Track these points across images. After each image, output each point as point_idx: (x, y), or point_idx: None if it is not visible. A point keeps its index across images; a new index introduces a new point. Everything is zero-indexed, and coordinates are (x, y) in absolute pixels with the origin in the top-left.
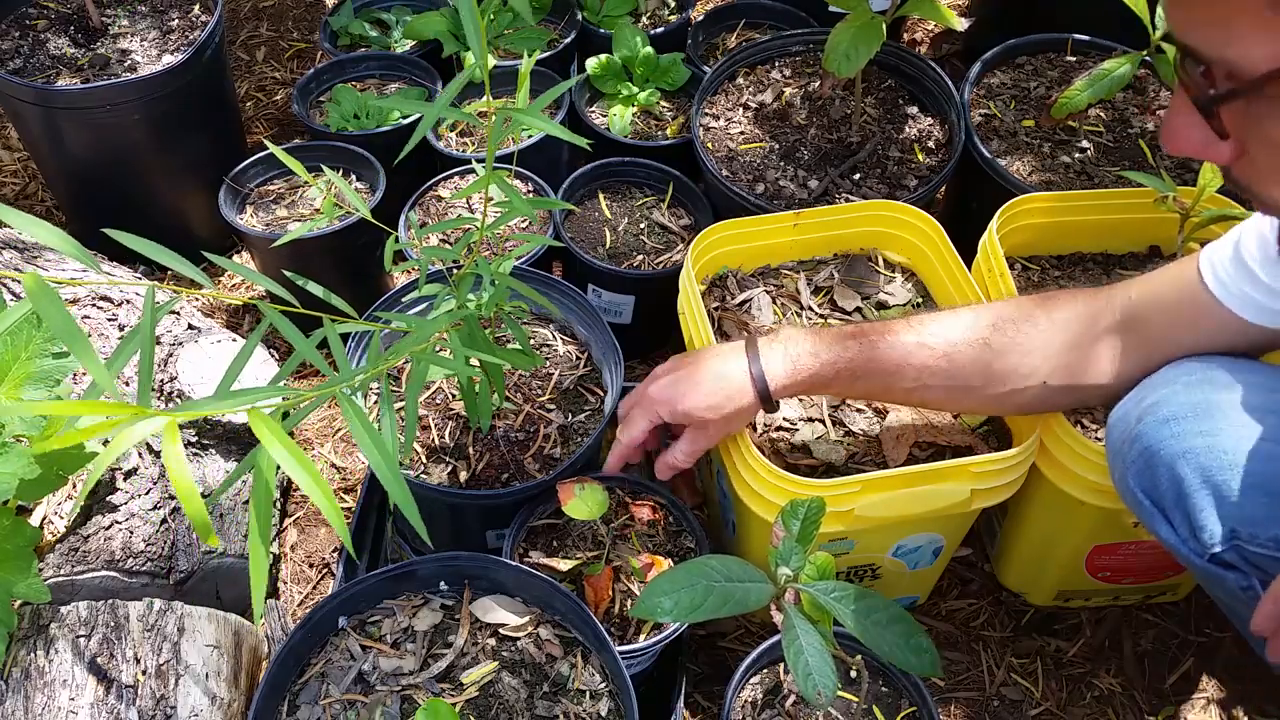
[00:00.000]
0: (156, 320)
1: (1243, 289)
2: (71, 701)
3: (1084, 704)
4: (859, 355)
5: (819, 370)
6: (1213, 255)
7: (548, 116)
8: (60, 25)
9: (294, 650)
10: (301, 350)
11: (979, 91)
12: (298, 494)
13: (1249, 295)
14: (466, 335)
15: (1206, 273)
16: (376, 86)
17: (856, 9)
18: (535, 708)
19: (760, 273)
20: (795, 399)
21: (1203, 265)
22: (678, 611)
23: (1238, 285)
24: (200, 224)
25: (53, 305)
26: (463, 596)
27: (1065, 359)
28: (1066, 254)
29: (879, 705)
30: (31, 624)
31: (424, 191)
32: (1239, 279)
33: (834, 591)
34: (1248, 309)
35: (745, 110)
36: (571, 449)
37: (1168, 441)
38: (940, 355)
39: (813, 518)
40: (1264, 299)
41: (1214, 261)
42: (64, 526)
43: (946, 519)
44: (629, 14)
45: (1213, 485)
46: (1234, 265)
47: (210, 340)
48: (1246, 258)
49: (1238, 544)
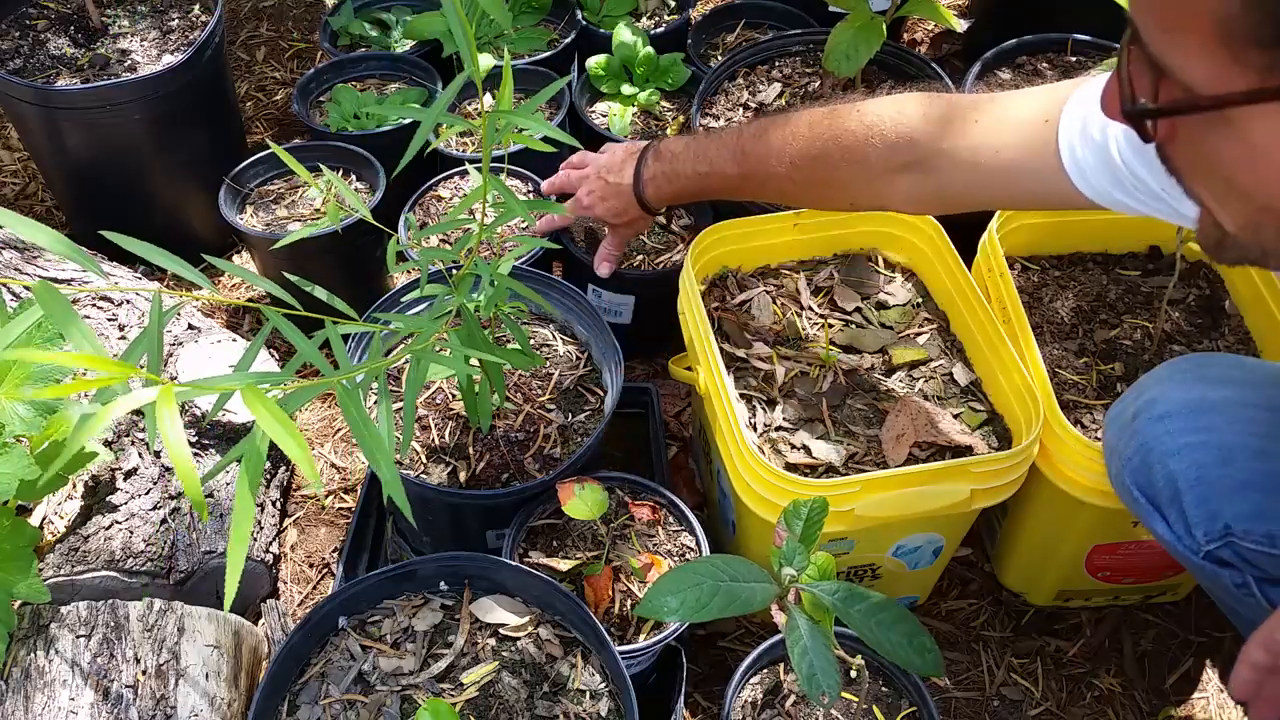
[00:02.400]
0: (165, 321)
1: (1101, 180)
2: (71, 701)
3: (1084, 704)
4: (705, 178)
5: (680, 188)
6: (1072, 139)
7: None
8: (60, 25)
9: (294, 650)
10: (303, 351)
11: (979, 91)
12: (298, 494)
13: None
14: (466, 335)
15: (1065, 156)
16: (376, 86)
17: (856, 9)
18: (535, 708)
19: (760, 273)
20: (795, 400)
21: (1062, 148)
22: (684, 611)
23: (1097, 176)
24: (200, 224)
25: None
26: (463, 596)
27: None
28: (1066, 254)
29: (879, 705)
30: (31, 624)
31: (424, 192)
32: (1099, 168)
33: (836, 591)
34: (1098, 191)
35: (745, 110)
36: (571, 449)
37: (1163, 438)
38: (764, 183)
39: (815, 518)
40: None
41: (1073, 146)
42: (63, 526)
43: (946, 519)
44: (629, 14)
45: (1207, 482)
46: (1095, 154)
47: (210, 340)
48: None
49: (1232, 540)
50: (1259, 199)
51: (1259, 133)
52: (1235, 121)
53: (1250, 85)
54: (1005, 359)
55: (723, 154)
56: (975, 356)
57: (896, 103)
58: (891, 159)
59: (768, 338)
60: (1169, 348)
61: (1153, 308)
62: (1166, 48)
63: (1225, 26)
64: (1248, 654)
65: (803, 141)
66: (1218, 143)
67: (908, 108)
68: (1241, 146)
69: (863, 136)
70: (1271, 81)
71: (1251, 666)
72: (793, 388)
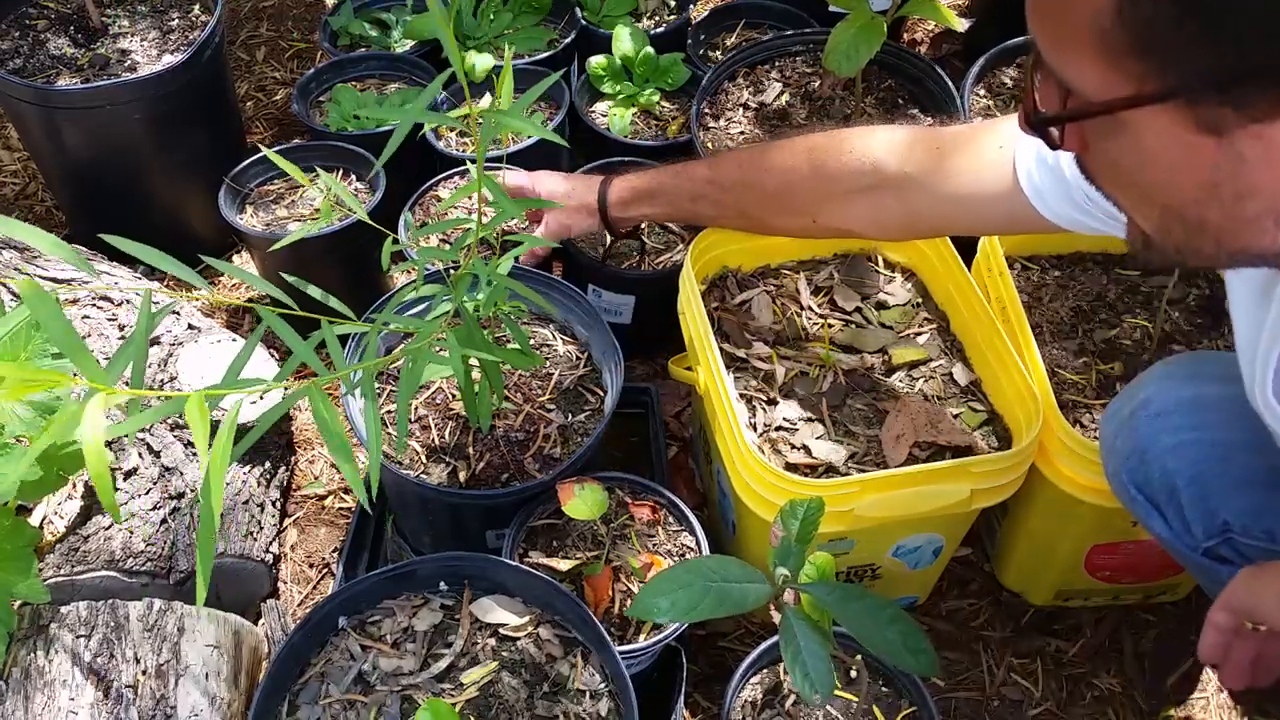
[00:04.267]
0: (154, 325)
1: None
2: (71, 701)
3: (1084, 704)
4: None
5: (645, 185)
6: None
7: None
8: (60, 25)
9: (294, 650)
10: (299, 353)
11: (979, 91)
12: (297, 494)
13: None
14: (465, 335)
15: (1024, 180)
16: (376, 86)
17: (856, 9)
18: (535, 708)
19: (760, 272)
20: (795, 400)
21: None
22: (675, 611)
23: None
24: (200, 224)
25: (49, 310)
26: (463, 596)
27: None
28: (1066, 254)
29: (879, 705)
30: (31, 624)
31: (424, 192)
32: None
33: (833, 592)
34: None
35: (745, 110)
36: (571, 449)
37: (1160, 436)
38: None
39: (811, 518)
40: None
41: (1030, 171)
42: (63, 526)
43: (946, 519)
44: (629, 14)
45: (1205, 480)
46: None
47: (210, 340)
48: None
49: (1230, 536)
50: (1158, 199)
51: (1147, 135)
52: (1128, 126)
53: (1131, 91)
54: (1005, 359)
55: (700, 161)
56: (975, 356)
57: (869, 129)
58: (857, 180)
59: (768, 338)
60: (1169, 347)
61: (1152, 308)
62: (1059, 62)
63: (1102, 41)
64: (1212, 618)
65: (776, 153)
66: (1118, 148)
67: (878, 134)
68: (1135, 150)
69: (833, 151)
70: (1147, 88)
71: (1217, 630)
72: (793, 388)
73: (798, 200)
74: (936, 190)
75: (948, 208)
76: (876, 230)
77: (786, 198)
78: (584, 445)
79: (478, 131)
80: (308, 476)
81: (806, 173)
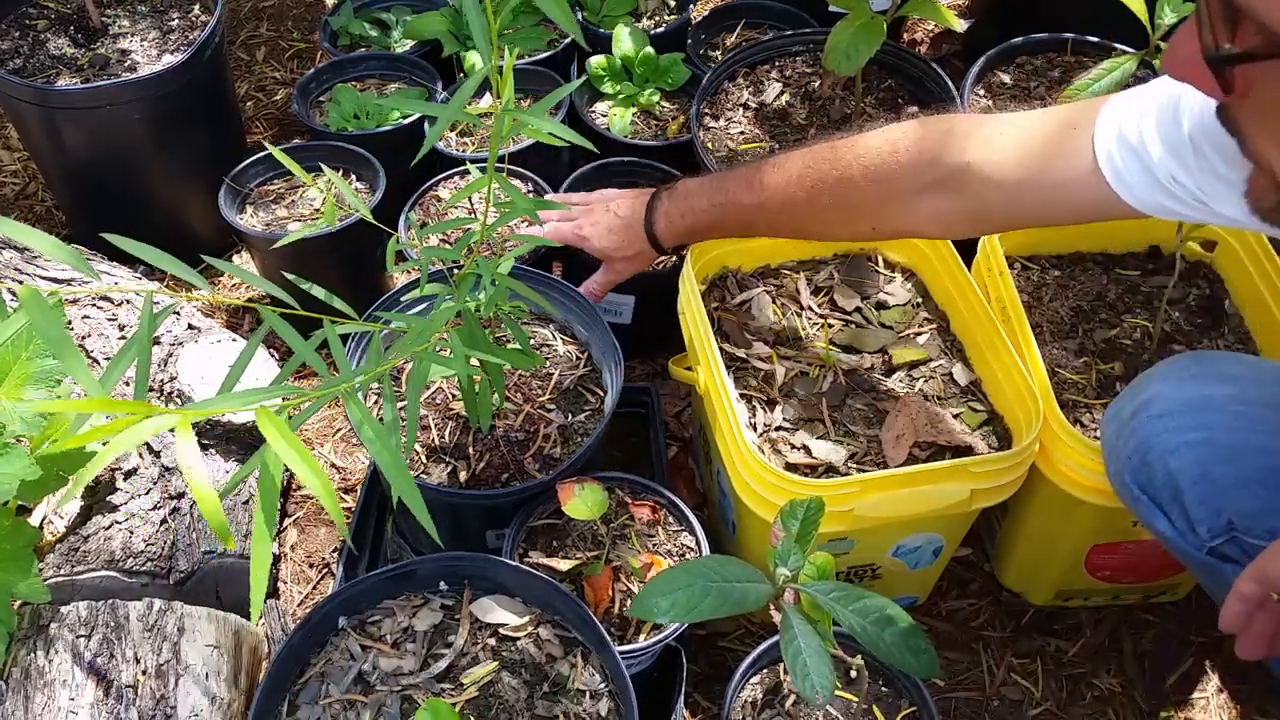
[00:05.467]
0: (156, 325)
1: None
2: (71, 701)
3: (1084, 704)
4: (721, 210)
5: (693, 223)
6: (1109, 146)
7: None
8: (60, 25)
9: (294, 650)
10: (300, 353)
11: (979, 91)
12: (298, 494)
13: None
14: (467, 335)
15: (1103, 161)
16: (376, 86)
17: (856, 8)
18: (535, 708)
19: (760, 273)
20: (795, 400)
21: (1099, 154)
22: (675, 612)
23: (1138, 178)
24: (200, 224)
25: (44, 317)
26: (463, 596)
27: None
28: (1066, 254)
29: (879, 705)
30: (31, 624)
31: (424, 191)
32: (1140, 173)
33: (832, 591)
34: (1139, 196)
35: (745, 110)
36: (571, 449)
37: (1162, 436)
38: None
39: (811, 518)
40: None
41: (1110, 152)
42: (63, 526)
43: (946, 519)
44: (629, 14)
45: (1209, 479)
46: (1135, 159)
47: (210, 340)
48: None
49: (1236, 536)
50: None
51: None
52: None
53: None
54: (1005, 359)
55: (738, 184)
56: (975, 356)
57: (920, 122)
58: (917, 178)
59: (768, 338)
60: (1169, 347)
61: (1152, 307)
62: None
63: None
64: (1239, 588)
65: (824, 164)
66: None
67: (930, 126)
68: None
69: (887, 154)
70: None
71: (1242, 599)
72: (793, 388)
73: (855, 210)
74: (1004, 180)
75: (1016, 197)
76: (942, 229)
77: (843, 210)
78: (584, 445)
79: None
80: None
81: (861, 181)
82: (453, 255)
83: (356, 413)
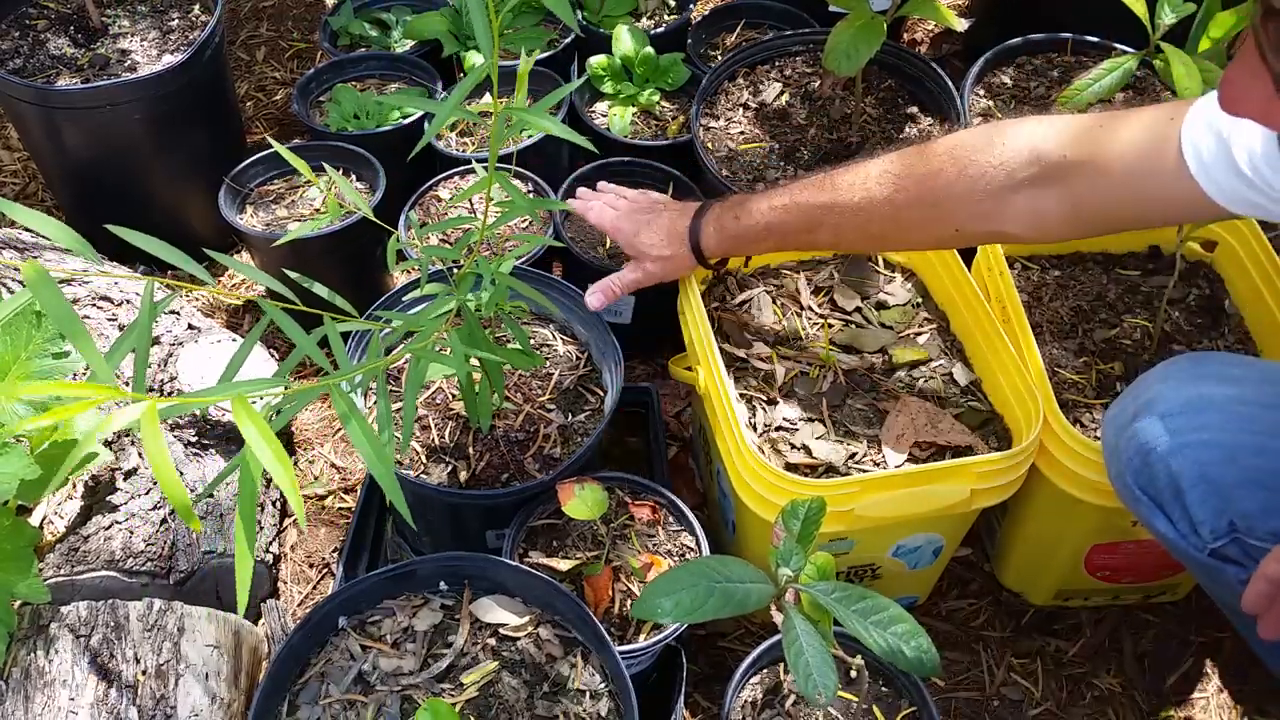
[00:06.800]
0: (155, 316)
1: (1229, 179)
2: (71, 701)
3: (1084, 704)
4: (782, 212)
5: (748, 227)
6: (1196, 138)
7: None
8: (60, 25)
9: (294, 650)
10: (302, 346)
11: (979, 91)
12: (299, 494)
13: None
14: (467, 334)
15: (1189, 154)
16: (376, 86)
17: (856, 9)
18: (535, 708)
19: (760, 273)
20: (795, 400)
21: (1185, 146)
22: (678, 612)
23: (1223, 171)
24: (200, 224)
25: (51, 295)
26: (463, 596)
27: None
28: (1066, 254)
29: (879, 705)
30: (31, 624)
31: (424, 191)
32: (1224, 162)
33: (834, 592)
34: (1224, 189)
35: (745, 110)
36: (571, 449)
37: (1164, 437)
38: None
39: (813, 518)
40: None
41: (1197, 145)
42: (63, 526)
43: (946, 519)
44: (629, 14)
45: (1210, 480)
46: (1222, 149)
47: (210, 340)
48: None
49: (1238, 537)
50: None
51: None
52: None
53: None
54: (1005, 359)
55: (806, 187)
56: (975, 356)
57: (1019, 120)
58: (1014, 174)
59: (768, 338)
60: (1169, 347)
61: (1153, 307)
62: None
63: None
64: (1264, 569)
65: (910, 162)
66: None
67: (1030, 122)
68: None
69: (983, 148)
70: None
71: (1268, 580)
72: (793, 388)
73: (942, 209)
74: (1098, 173)
75: (1111, 192)
76: (1035, 231)
77: (928, 208)
78: (584, 445)
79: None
80: (308, 476)
81: (953, 175)
82: (453, 255)
83: (342, 404)
